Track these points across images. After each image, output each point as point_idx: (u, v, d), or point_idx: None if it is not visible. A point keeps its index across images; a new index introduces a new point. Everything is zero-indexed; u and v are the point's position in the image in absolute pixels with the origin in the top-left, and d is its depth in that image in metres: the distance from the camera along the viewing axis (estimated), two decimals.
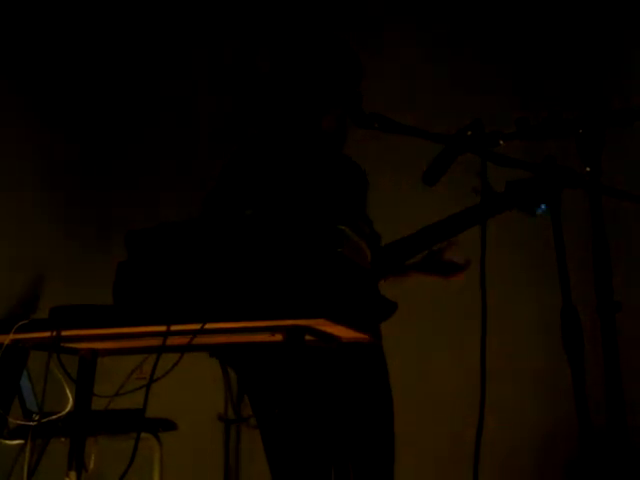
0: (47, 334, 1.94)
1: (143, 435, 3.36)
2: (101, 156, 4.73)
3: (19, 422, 2.87)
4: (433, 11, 4.60)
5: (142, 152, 4.74)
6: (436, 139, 2.05)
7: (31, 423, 2.25)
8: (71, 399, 2.08)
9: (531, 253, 3.74)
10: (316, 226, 1.91)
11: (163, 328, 1.86)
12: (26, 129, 4.51)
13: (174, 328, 1.86)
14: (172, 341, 1.89)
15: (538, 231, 2.32)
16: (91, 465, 2.17)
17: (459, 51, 4.50)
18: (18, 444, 3.10)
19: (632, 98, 3.95)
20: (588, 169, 1.81)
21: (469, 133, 1.96)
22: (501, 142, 1.95)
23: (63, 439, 2.81)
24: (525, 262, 2.46)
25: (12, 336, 1.94)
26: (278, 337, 1.90)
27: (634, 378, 3.05)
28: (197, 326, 1.85)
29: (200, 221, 1.97)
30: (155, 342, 1.91)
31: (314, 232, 1.89)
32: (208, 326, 1.84)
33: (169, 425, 3.59)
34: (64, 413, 2.07)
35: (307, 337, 1.90)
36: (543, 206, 1.98)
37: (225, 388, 2.10)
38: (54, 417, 2.10)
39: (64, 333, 1.94)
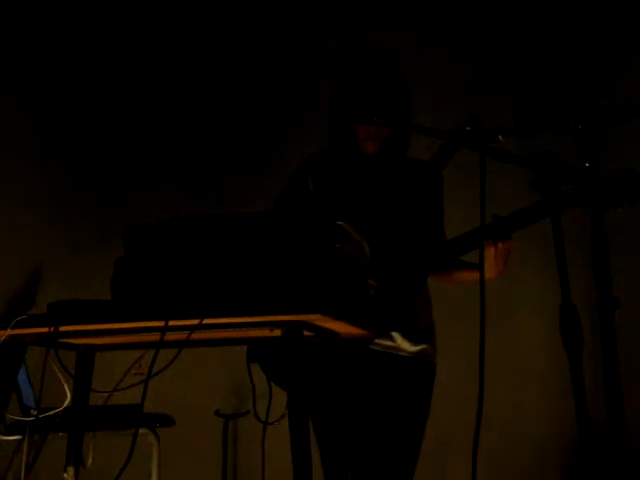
0: (45, 329, 1.93)
1: (141, 430, 3.36)
2: (101, 155, 4.73)
3: (17, 418, 2.87)
4: (433, 11, 4.60)
5: (141, 151, 4.74)
6: (435, 134, 2.05)
7: (29, 419, 2.24)
8: (69, 394, 2.08)
9: (530, 250, 3.75)
10: (315, 222, 1.91)
11: (161, 323, 1.85)
12: (25, 129, 4.52)
13: (172, 323, 1.85)
14: (170, 336, 1.88)
15: (537, 228, 2.31)
16: (89, 460, 2.16)
17: (459, 51, 4.50)
18: (16, 440, 3.11)
19: (633, 96, 3.95)
20: (587, 165, 1.80)
21: (468, 128, 1.95)
22: (500, 138, 1.94)
23: (61, 434, 2.80)
24: (524, 258, 2.46)
25: (10, 332, 1.93)
26: (277, 332, 1.89)
27: (633, 375, 3.06)
28: (195, 321, 1.84)
29: (198, 217, 1.96)
30: (153, 337, 1.90)
31: (313, 228, 1.89)
32: (206, 321, 1.84)
33: (167, 420, 3.59)
34: (62, 408, 2.07)
35: (306, 333, 1.90)
36: None
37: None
38: (52, 412, 2.10)
39: (62, 328, 1.93)
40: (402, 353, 2.52)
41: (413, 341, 2.52)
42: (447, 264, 2.53)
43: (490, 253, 2.37)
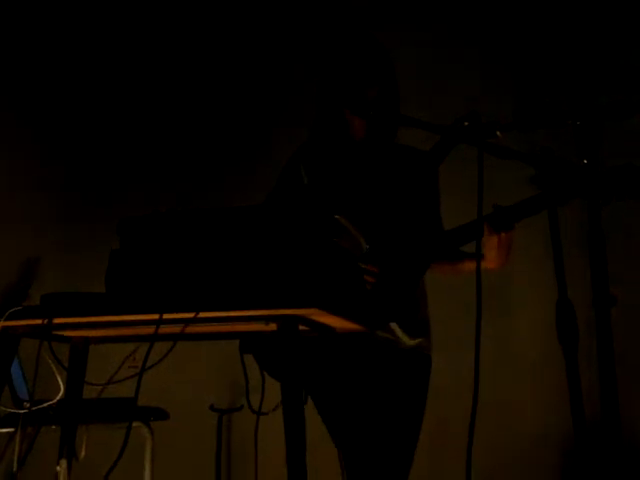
0: (38, 321, 1.92)
1: (135, 424, 3.35)
2: (100, 155, 4.72)
3: (10, 410, 2.86)
4: (433, 11, 4.60)
5: (141, 151, 4.74)
6: (433, 130, 2.04)
7: (22, 411, 2.23)
8: (62, 387, 2.07)
9: (528, 243, 3.74)
10: (311, 215, 1.90)
11: (156, 316, 1.85)
12: (25, 128, 4.51)
13: (167, 317, 1.84)
14: (165, 330, 1.88)
15: (535, 222, 2.31)
16: (82, 453, 2.16)
17: (459, 51, 4.50)
18: (8, 432, 3.10)
19: (632, 93, 3.96)
20: (585, 161, 1.80)
21: (466, 124, 1.95)
22: (498, 133, 1.94)
23: (54, 427, 2.79)
24: (521, 252, 2.46)
25: (3, 323, 1.93)
26: (272, 327, 1.89)
27: (629, 372, 3.06)
28: (190, 315, 1.84)
29: (194, 210, 1.96)
30: (148, 330, 1.89)
31: (309, 221, 1.88)
32: (201, 315, 1.83)
33: (161, 414, 3.58)
34: (55, 401, 2.06)
35: (301, 327, 1.90)
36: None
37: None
38: (45, 405, 2.09)
39: (56, 321, 1.92)
40: (401, 346, 2.51)
41: (411, 335, 2.51)
42: (448, 254, 2.52)
43: (493, 242, 2.36)
